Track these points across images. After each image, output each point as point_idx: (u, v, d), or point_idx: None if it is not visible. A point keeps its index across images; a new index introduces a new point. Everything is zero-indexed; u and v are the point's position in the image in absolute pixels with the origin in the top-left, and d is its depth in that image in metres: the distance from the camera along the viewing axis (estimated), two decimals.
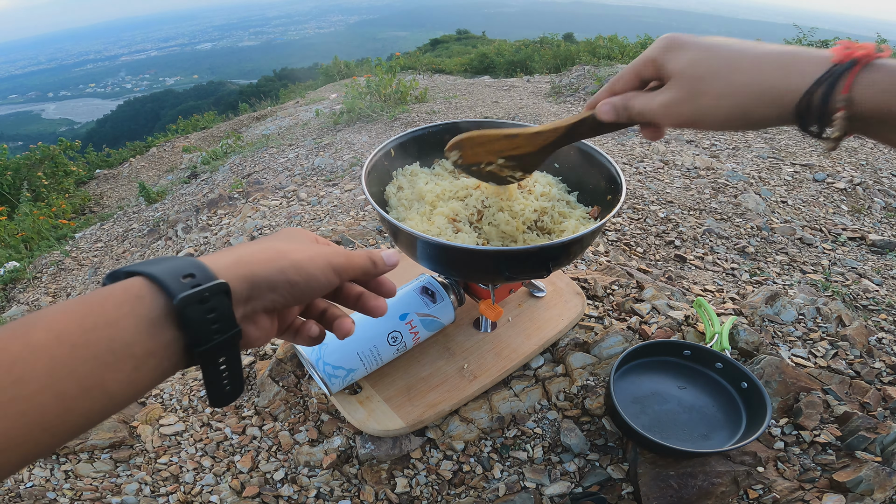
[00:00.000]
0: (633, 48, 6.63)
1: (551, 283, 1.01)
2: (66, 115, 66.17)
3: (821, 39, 5.27)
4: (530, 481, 0.76)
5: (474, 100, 3.97)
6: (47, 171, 4.71)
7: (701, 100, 0.40)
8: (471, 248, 0.65)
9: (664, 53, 0.42)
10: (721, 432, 0.75)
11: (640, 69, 0.45)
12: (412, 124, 3.03)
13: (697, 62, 0.40)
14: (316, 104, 4.68)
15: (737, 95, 0.38)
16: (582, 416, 0.84)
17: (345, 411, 0.80)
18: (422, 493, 0.76)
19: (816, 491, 0.71)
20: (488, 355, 0.87)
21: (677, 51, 0.42)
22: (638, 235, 1.49)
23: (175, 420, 0.90)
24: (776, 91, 0.36)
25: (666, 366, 0.85)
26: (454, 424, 0.82)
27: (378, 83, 3.48)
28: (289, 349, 0.95)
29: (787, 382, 0.84)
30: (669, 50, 0.42)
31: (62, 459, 0.82)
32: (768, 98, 0.37)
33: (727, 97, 0.38)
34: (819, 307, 1.06)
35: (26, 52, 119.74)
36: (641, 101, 0.45)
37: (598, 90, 2.96)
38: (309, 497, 0.76)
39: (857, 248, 1.56)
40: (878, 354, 0.95)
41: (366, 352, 0.77)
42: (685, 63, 0.41)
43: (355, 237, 1.35)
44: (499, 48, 9.48)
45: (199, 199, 2.43)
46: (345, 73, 6.51)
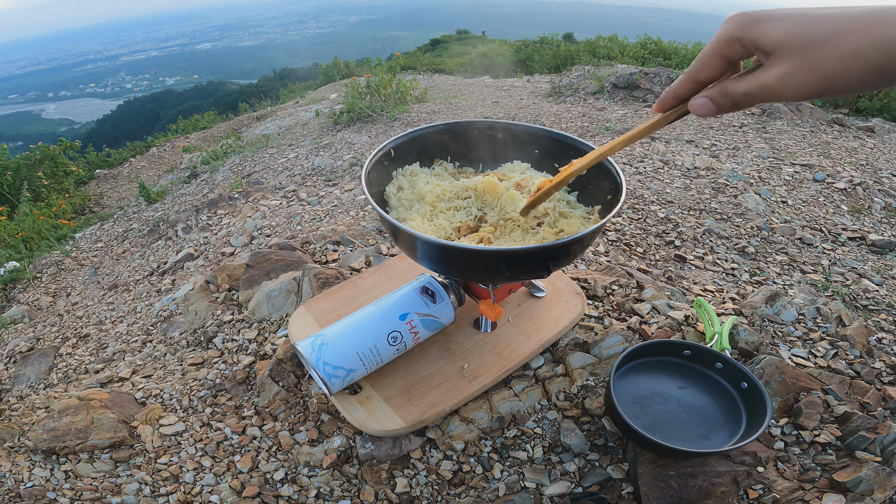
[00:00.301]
0: (633, 48, 6.63)
1: (551, 283, 1.01)
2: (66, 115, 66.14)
3: None
4: (530, 481, 0.76)
5: (474, 100, 3.97)
6: (47, 171, 4.71)
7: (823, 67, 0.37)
8: (471, 248, 0.65)
9: (749, 29, 0.40)
10: (721, 432, 0.75)
11: (723, 51, 0.42)
12: (412, 124, 3.03)
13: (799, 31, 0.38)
14: (316, 104, 4.68)
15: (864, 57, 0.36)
16: (582, 416, 0.84)
17: (345, 411, 0.80)
18: (422, 493, 0.76)
19: (816, 491, 0.71)
20: (488, 355, 0.87)
21: (765, 23, 0.39)
22: (638, 235, 1.49)
23: (175, 420, 0.90)
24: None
25: (666, 366, 0.85)
26: (454, 424, 0.82)
27: (378, 83, 3.48)
28: (289, 349, 0.95)
29: (787, 382, 0.84)
30: (754, 24, 0.40)
31: (62, 459, 0.82)
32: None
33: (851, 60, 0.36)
34: (819, 307, 1.06)
35: (26, 52, 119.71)
36: (746, 83, 0.42)
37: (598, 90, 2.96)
38: (309, 497, 0.76)
39: (857, 248, 1.56)
40: (878, 354, 0.95)
41: (366, 352, 0.77)
42: (785, 33, 0.38)
43: (355, 237, 1.35)
44: (499, 48, 9.48)
45: (199, 199, 2.43)
46: (345, 73, 6.51)
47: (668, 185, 1.85)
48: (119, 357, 1.25)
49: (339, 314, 0.92)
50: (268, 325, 1.09)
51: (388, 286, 1.00)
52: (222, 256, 1.61)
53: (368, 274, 1.05)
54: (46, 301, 1.96)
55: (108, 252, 2.35)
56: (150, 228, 2.37)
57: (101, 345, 1.37)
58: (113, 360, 1.25)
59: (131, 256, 2.18)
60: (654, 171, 1.97)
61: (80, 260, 2.35)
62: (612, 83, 3.93)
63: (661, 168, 2.01)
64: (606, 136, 2.57)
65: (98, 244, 2.50)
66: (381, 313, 0.80)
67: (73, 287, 2.06)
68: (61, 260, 2.35)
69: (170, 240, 2.11)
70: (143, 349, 1.24)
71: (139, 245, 2.26)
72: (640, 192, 1.76)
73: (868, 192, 1.93)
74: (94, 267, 2.21)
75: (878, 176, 2.13)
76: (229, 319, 1.14)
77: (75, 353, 1.37)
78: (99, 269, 2.18)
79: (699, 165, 2.04)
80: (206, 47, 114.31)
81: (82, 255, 2.40)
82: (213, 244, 1.80)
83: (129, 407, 0.93)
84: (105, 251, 2.38)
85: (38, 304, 1.94)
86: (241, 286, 1.21)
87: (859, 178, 2.02)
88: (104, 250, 2.39)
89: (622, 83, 3.88)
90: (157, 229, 2.32)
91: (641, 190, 1.77)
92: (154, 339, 1.28)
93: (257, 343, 1.06)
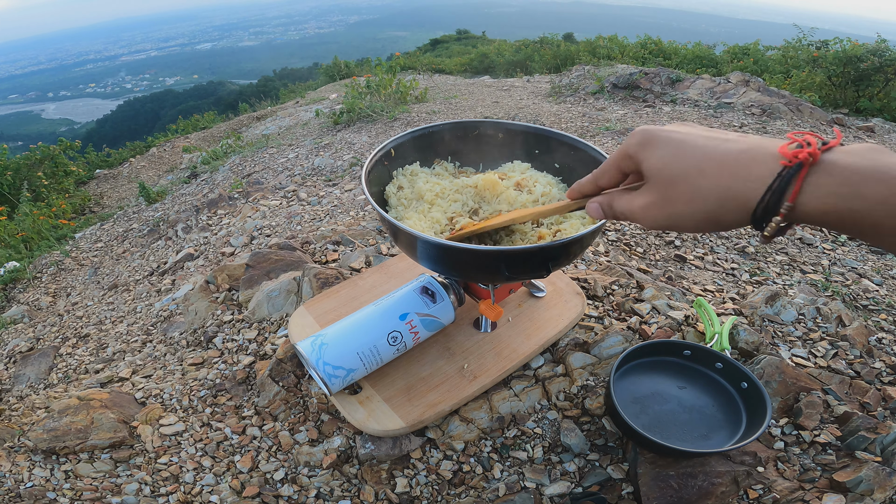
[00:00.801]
0: (633, 48, 6.62)
1: (551, 283, 1.01)
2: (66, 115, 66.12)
3: (821, 39, 5.27)
4: (530, 481, 0.76)
5: (474, 100, 3.97)
6: (47, 171, 4.71)
7: (674, 206, 0.41)
8: (471, 248, 0.65)
9: (640, 150, 0.43)
10: (721, 432, 0.75)
11: (619, 163, 0.46)
12: (412, 124, 3.03)
13: (669, 164, 0.41)
14: (316, 104, 4.68)
15: (706, 201, 0.39)
16: (582, 416, 0.84)
17: (345, 411, 0.80)
18: (422, 493, 0.76)
19: (816, 491, 0.71)
20: (488, 355, 0.87)
21: (652, 148, 0.42)
22: (638, 235, 1.49)
23: (175, 420, 0.90)
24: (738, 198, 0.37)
25: (666, 366, 0.85)
26: (454, 424, 0.82)
27: (378, 83, 3.48)
28: (289, 349, 0.95)
29: (787, 382, 0.84)
30: (644, 146, 0.43)
31: (62, 459, 0.82)
32: (731, 205, 0.38)
33: (696, 202, 0.39)
34: (819, 307, 1.06)
35: (26, 52, 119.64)
36: (623, 202, 0.46)
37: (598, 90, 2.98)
38: (309, 497, 0.76)
39: (857, 248, 1.56)
40: (878, 354, 0.95)
41: (366, 351, 0.77)
42: (658, 163, 0.42)
43: (355, 237, 1.35)
44: (499, 48, 9.48)
45: (199, 199, 2.43)
46: (345, 73, 6.51)
47: None
48: (119, 357, 1.25)
49: (339, 314, 0.92)
50: (268, 325, 1.09)
51: (388, 286, 1.00)
52: (222, 256, 1.61)
53: (368, 274, 1.05)
54: (46, 301, 1.96)
55: (108, 252, 2.35)
56: (150, 228, 2.37)
57: (101, 345, 1.37)
58: (113, 360, 1.25)
59: (131, 256, 2.18)
60: None
61: (80, 260, 2.35)
62: (612, 83, 3.93)
63: None
64: (606, 135, 2.57)
65: (98, 244, 2.50)
66: (381, 313, 0.80)
67: (73, 287, 2.06)
68: (61, 260, 2.35)
69: (170, 240, 2.11)
70: (143, 349, 1.24)
71: (139, 245, 2.26)
72: None
73: None
74: (94, 267, 2.21)
75: None
76: (229, 319, 1.14)
77: (75, 353, 1.37)
78: (99, 269, 2.18)
79: None
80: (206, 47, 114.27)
81: (82, 255, 2.40)
82: (213, 244, 1.80)
83: (129, 407, 0.93)
84: (105, 251, 2.38)
85: (38, 304, 1.94)
86: (241, 286, 1.21)
87: None
88: (104, 250, 2.39)
89: (622, 83, 3.88)
90: (157, 229, 2.32)
91: None
92: (154, 339, 1.28)
93: (257, 343, 1.06)
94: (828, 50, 4.85)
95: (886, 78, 4.23)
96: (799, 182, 0.34)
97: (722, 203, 0.38)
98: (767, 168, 0.36)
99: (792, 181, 0.35)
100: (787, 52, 5.85)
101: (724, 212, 0.38)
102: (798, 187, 0.34)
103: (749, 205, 0.37)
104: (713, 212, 0.39)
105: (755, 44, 6.50)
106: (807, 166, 0.34)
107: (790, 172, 0.35)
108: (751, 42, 6.59)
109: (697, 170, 0.39)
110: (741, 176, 0.37)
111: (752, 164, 0.37)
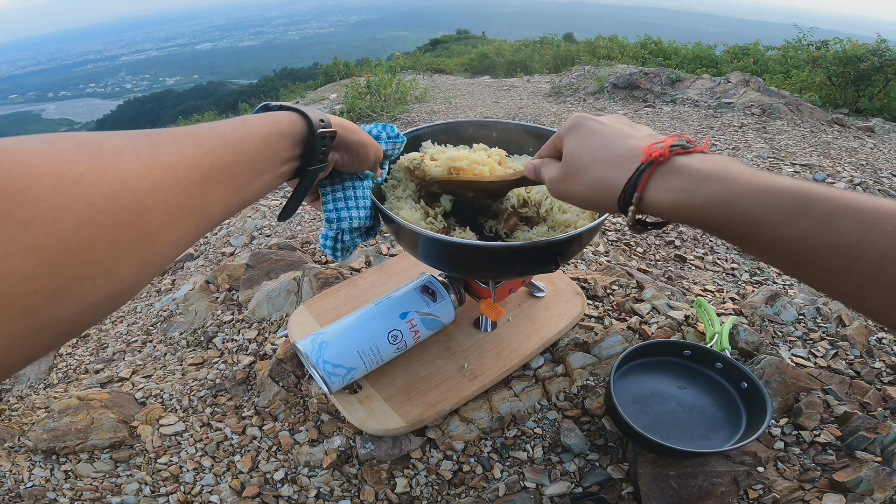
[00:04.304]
0: (633, 48, 6.62)
1: (551, 283, 1.01)
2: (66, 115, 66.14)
3: (821, 39, 5.27)
4: (530, 481, 0.76)
5: (474, 100, 3.97)
6: None
7: (568, 184, 0.48)
8: (473, 244, 0.65)
9: (566, 133, 0.49)
10: (721, 432, 0.75)
11: (555, 142, 0.52)
12: (412, 124, 3.03)
13: (576, 149, 0.47)
14: (316, 104, 4.68)
15: (589, 185, 0.45)
16: (582, 416, 0.84)
17: (345, 411, 0.80)
18: (422, 493, 0.76)
19: (816, 491, 0.71)
20: (488, 355, 0.87)
21: (572, 133, 0.48)
22: (638, 235, 1.49)
23: (175, 420, 0.90)
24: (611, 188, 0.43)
25: (666, 366, 0.85)
26: (454, 424, 0.82)
27: (378, 83, 3.48)
28: (289, 349, 0.95)
29: (787, 382, 0.84)
30: (569, 130, 0.49)
31: (62, 459, 0.82)
32: (606, 192, 0.43)
33: (583, 185, 0.46)
34: (819, 307, 1.06)
35: (26, 52, 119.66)
36: (545, 169, 0.53)
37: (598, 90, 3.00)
38: (309, 497, 0.76)
39: None
40: (878, 354, 0.95)
41: (366, 350, 0.77)
42: (569, 147, 0.48)
43: None
44: (499, 48, 9.48)
45: None
46: (345, 73, 6.51)
47: None
48: (119, 357, 1.25)
49: (339, 314, 0.92)
50: (268, 325, 1.09)
51: (388, 286, 1.00)
52: (222, 256, 1.61)
53: (368, 273, 1.05)
54: None
55: None
56: None
57: (101, 345, 1.37)
58: (113, 360, 1.25)
59: None
60: None
61: None
62: (612, 83, 3.93)
63: None
64: None
65: None
66: (381, 312, 0.80)
67: None
68: None
69: None
70: (143, 349, 1.24)
71: None
72: None
73: (868, 192, 1.93)
74: None
75: (878, 176, 2.13)
76: (229, 319, 1.14)
77: (75, 352, 1.37)
78: None
79: None
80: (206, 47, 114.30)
81: None
82: (212, 244, 1.80)
83: (129, 407, 0.93)
84: None
85: None
86: (241, 286, 1.21)
87: (859, 178, 2.02)
88: None
89: (622, 83, 3.88)
90: None
91: None
92: (154, 339, 1.28)
93: (257, 343, 1.06)
94: (828, 50, 4.85)
95: (886, 78, 4.24)
96: (645, 177, 0.40)
97: (599, 189, 0.44)
98: (634, 164, 0.41)
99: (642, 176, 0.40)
100: (787, 52, 5.86)
101: (602, 197, 0.44)
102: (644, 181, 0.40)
103: (616, 193, 0.42)
104: (593, 195, 0.45)
105: (755, 44, 6.51)
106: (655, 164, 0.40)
107: (642, 168, 0.40)
108: (751, 42, 6.60)
109: (591, 159, 0.45)
110: (619, 168, 0.42)
111: (628, 160, 0.42)
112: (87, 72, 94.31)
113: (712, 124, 2.94)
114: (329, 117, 0.50)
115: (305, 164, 0.48)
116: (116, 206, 0.26)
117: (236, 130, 0.38)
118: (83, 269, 0.25)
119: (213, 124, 0.37)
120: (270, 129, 0.42)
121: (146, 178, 0.28)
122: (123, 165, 0.27)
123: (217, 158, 0.35)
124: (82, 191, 0.24)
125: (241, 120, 0.40)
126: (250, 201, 0.40)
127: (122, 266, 0.27)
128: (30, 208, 0.22)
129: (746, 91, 3.51)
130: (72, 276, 0.24)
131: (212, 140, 0.35)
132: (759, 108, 3.23)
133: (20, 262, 0.22)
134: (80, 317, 0.26)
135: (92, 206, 0.25)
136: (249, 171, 0.39)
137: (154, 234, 0.29)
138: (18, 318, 0.22)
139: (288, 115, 0.45)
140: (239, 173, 0.37)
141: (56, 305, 0.24)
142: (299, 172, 0.49)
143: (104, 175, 0.26)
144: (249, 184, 0.39)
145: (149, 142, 0.30)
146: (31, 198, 0.22)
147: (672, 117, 3.16)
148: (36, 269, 0.22)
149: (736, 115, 3.17)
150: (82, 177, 0.25)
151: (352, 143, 0.54)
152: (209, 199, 0.34)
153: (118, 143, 0.29)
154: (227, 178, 0.36)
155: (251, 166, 0.39)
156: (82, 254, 0.24)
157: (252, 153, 0.39)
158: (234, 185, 0.37)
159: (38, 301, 0.23)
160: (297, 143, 0.45)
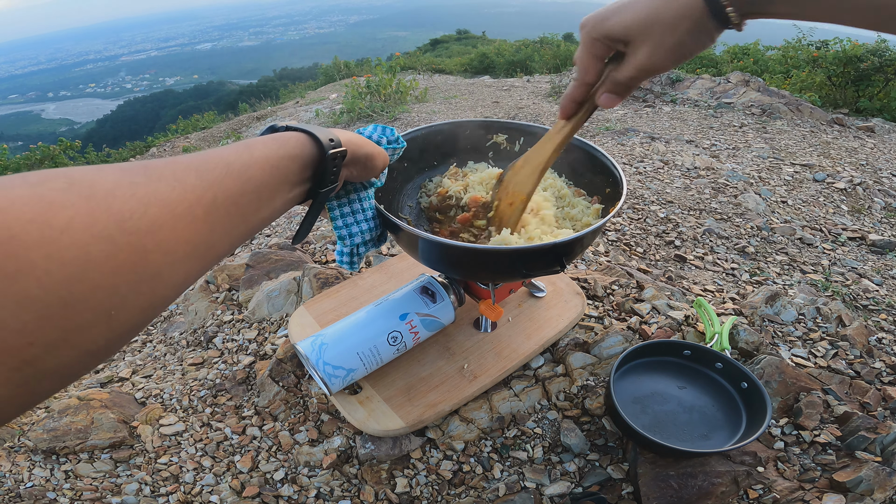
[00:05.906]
0: None
1: (551, 283, 1.01)
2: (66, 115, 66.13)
3: (821, 39, 5.27)
4: (530, 481, 0.76)
5: (474, 100, 3.97)
6: None
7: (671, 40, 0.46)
8: (476, 248, 0.65)
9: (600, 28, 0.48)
10: (721, 432, 0.75)
11: (593, 52, 0.51)
12: (412, 124, 3.03)
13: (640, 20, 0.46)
14: (316, 104, 4.68)
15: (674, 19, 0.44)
16: (582, 416, 0.84)
17: (345, 411, 0.80)
18: (422, 493, 0.76)
19: (816, 491, 0.71)
20: (488, 355, 0.87)
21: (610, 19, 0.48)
22: (638, 235, 1.49)
23: (175, 420, 0.90)
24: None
25: (666, 366, 0.85)
26: (454, 424, 0.82)
27: (378, 83, 3.48)
28: (289, 349, 0.95)
29: (787, 382, 0.84)
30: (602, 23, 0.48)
31: (62, 459, 0.82)
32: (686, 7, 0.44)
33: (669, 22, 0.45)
34: (819, 307, 1.06)
35: (26, 52, 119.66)
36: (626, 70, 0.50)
37: None
38: (309, 497, 0.76)
39: (857, 248, 1.56)
40: (878, 354, 0.95)
41: (366, 351, 0.77)
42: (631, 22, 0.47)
43: None
44: (499, 48, 9.48)
45: None
46: (345, 73, 6.51)
47: (668, 185, 1.85)
48: (119, 357, 1.25)
49: (339, 314, 0.92)
50: (268, 325, 1.09)
51: (388, 286, 1.00)
52: None
53: (368, 274, 1.05)
54: None
55: None
56: None
57: None
58: (113, 360, 1.25)
59: None
60: (654, 171, 1.97)
61: None
62: None
63: (661, 168, 2.01)
64: (607, 135, 2.57)
65: None
66: (381, 313, 0.80)
67: None
68: None
69: None
70: (142, 349, 1.24)
71: None
72: (640, 192, 1.76)
73: (868, 192, 1.93)
74: None
75: (878, 176, 2.13)
76: (229, 319, 1.14)
77: None
78: None
79: (699, 165, 2.04)
80: (206, 47, 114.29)
81: None
82: None
83: (129, 407, 0.93)
84: None
85: None
86: (241, 286, 1.21)
87: (859, 178, 2.02)
88: None
89: None
90: None
91: (641, 190, 1.77)
92: (154, 339, 1.28)
93: (257, 343, 1.06)
94: (828, 50, 4.86)
95: (886, 78, 4.24)
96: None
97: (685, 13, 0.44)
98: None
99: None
100: (787, 52, 5.86)
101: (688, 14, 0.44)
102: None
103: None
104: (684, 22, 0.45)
105: (755, 44, 6.50)
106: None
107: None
108: (751, 42, 6.59)
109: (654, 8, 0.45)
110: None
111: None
112: (87, 72, 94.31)
113: (712, 124, 2.94)
114: (337, 134, 0.48)
115: (317, 187, 0.46)
116: (112, 251, 0.25)
117: (240, 157, 0.37)
118: (81, 319, 0.23)
119: (216, 151, 0.36)
120: (277, 153, 0.40)
121: (143, 219, 0.27)
122: (117, 206, 0.26)
123: (221, 190, 0.33)
124: (72, 238, 0.23)
125: (246, 145, 0.39)
126: (260, 228, 0.39)
127: (122, 312, 0.26)
128: (18, 260, 0.21)
129: (746, 91, 3.51)
130: (69, 327, 0.23)
131: (214, 170, 0.34)
132: (759, 107, 3.23)
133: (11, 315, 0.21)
134: (80, 363, 0.25)
135: (85, 252, 0.23)
136: (256, 199, 0.37)
137: (156, 276, 0.27)
138: (15, 370, 0.21)
139: (296, 137, 0.43)
140: (245, 203, 0.36)
141: (54, 356, 0.23)
142: (311, 195, 0.47)
143: (95, 219, 0.24)
144: (257, 212, 0.38)
145: (146, 176, 0.29)
146: (18, 248, 0.21)
147: (672, 117, 3.16)
148: (29, 323, 0.21)
149: (736, 114, 3.17)
150: (71, 222, 0.23)
151: (360, 158, 0.53)
152: (215, 233, 0.33)
153: (112, 179, 0.27)
154: (232, 209, 0.34)
155: (258, 195, 0.37)
156: (79, 303, 0.23)
157: (258, 181, 0.37)
158: (241, 215, 0.36)
159: (35, 353, 0.22)
160: (307, 166, 0.44)
